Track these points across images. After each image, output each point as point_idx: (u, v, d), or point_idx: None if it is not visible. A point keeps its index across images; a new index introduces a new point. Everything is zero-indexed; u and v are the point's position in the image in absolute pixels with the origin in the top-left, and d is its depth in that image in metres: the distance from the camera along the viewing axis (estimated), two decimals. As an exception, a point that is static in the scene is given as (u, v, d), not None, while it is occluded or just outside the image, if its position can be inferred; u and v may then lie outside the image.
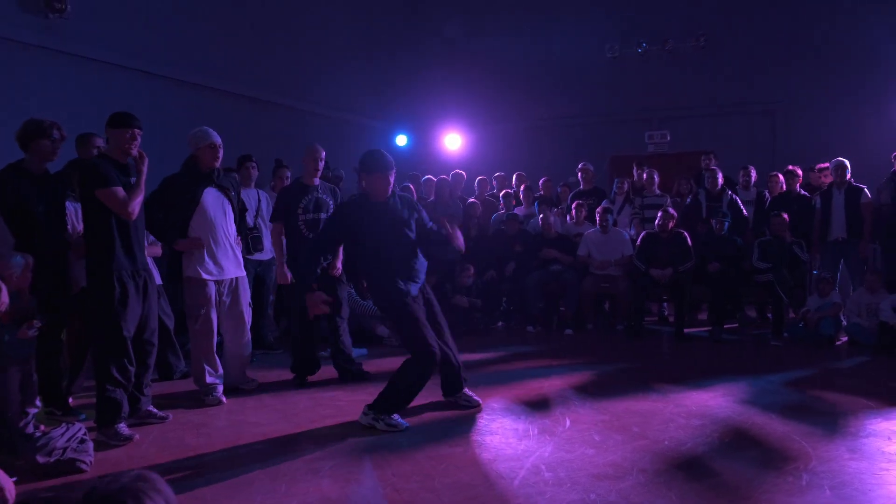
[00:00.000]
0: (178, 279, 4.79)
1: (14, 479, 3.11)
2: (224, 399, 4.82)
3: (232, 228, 4.91)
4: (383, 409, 4.10)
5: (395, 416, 4.11)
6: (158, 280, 5.37)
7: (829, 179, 7.60)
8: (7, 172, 4.23)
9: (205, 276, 4.74)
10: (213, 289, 4.80)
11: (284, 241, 5.34)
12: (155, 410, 4.35)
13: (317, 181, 5.41)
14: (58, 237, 4.32)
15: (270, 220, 5.49)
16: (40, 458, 3.37)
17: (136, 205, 3.99)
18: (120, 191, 3.91)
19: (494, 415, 4.37)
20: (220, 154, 4.76)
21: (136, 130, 4.05)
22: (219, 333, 4.97)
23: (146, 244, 5.07)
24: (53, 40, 6.45)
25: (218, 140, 4.75)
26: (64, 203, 4.42)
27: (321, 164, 5.41)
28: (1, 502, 2.40)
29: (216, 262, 4.78)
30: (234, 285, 4.94)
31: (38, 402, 4.12)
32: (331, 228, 4.35)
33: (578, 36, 11.32)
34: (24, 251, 3.99)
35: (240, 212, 5.12)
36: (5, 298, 3.63)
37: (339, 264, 5.31)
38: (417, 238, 4.31)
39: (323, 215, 5.31)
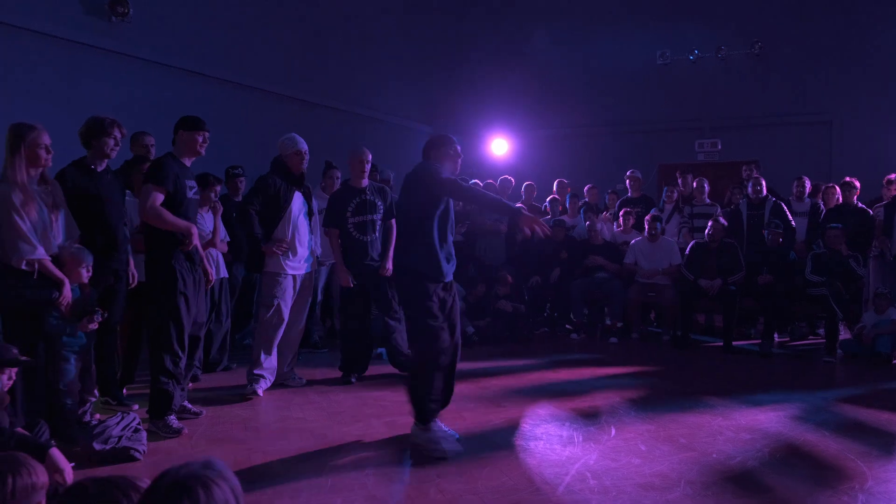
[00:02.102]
0: (258, 271, 5.10)
1: (72, 464, 3.22)
2: (261, 393, 4.93)
3: (307, 228, 5.21)
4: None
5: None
6: (224, 272, 5.55)
7: (893, 192, 7.36)
8: (70, 169, 4.38)
9: (289, 271, 5.04)
10: (290, 283, 5.06)
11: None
12: (189, 406, 4.45)
13: (365, 182, 5.48)
14: (117, 232, 4.46)
15: (324, 226, 5.62)
16: (97, 446, 3.48)
17: (162, 220, 4.01)
18: (159, 197, 4.01)
19: (539, 421, 4.35)
20: (307, 160, 5.12)
21: (207, 133, 4.27)
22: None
23: (219, 240, 5.28)
24: (116, 43, 6.66)
25: (304, 147, 5.10)
26: (123, 199, 4.56)
27: (367, 166, 5.50)
28: (58, 485, 2.48)
29: (297, 259, 5.08)
30: (306, 281, 5.21)
31: (95, 392, 4.26)
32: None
33: (629, 42, 11.20)
34: (86, 246, 4.13)
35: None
36: (68, 293, 3.77)
37: (389, 265, 5.33)
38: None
39: (371, 216, 5.41)
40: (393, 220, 5.49)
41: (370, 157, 5.51)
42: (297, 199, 5.11)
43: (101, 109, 4.77)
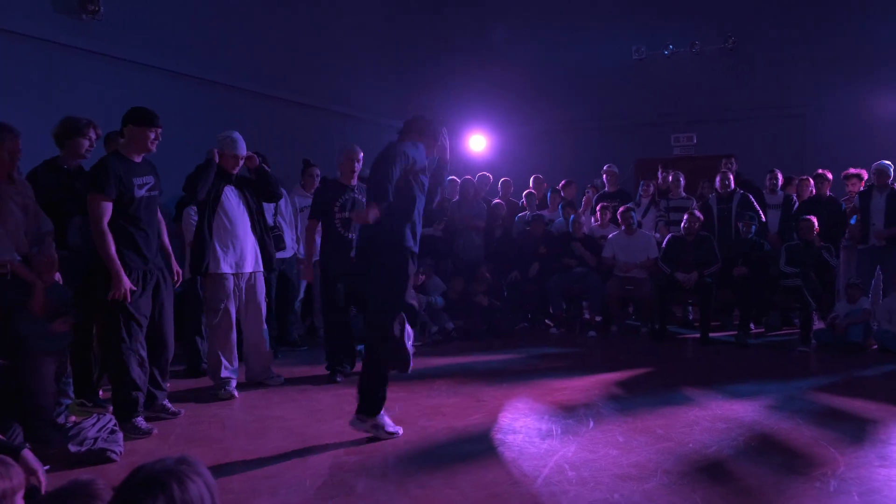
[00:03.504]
0: (200, 274, 4.90)
1: (46, 467, 3.18)
2: (237, 394, 4.88)
3: (247, 225, 5.01)
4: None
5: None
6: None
7: (855, 188, 7.48)
8: (42, 169, 4.33)
9: (230, 270, 4.86)
10: (231, 283, 4.92)
11: (318, 238, 5.47)
12: (169, 405, 4.41)
13: (354, 181, 5.53)
14: (89, 232, 4.40)
15: (309, 217, 5.60)
16: (72, 448, 3.44)
17: (103, 244, 3.88)
18: (106, 208, 3.87)
19: (518, 415, 4.38)
20: (241, 165, 4.98)
21: (159, 130, 4.09)
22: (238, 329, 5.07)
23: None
24: (87, 41, 6.57)
25: (242, 152, 4.94)
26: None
27: (358, 165, 5.53)
28: (33, 486, 2.46)
29: (237, 257, 4.91)
30: (252, 280, 5.05)
31: (70, 394, 4.21)
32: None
33: (604, 38, 11.25)
34: (57, 245, 4.08)
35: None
36: (39, 293, 3.72)
37: None
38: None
39: None
40: None
41: (361, 156, 5.54)
42: (231, 195, 4.93)
43: (74, 109, 4.72)
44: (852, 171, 7.68)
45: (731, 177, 7.72)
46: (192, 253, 4.92)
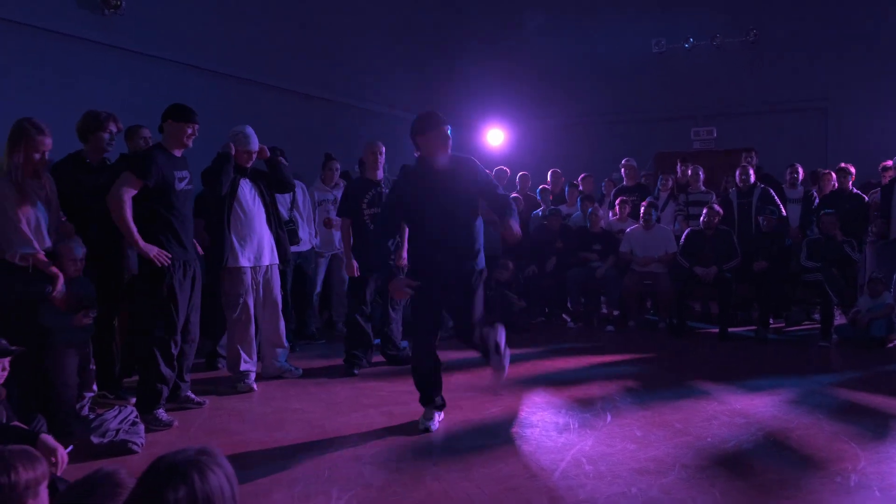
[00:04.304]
0: (218, 268, 4.92)
1: (69, 448, 3.24)
2: (255, 386, 4.92)
3: (263, 218, 5.04)
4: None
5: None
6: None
7: (887, 178, 7.36)
8: (65, 163, 4.39)
9: (243, 263, 4.89)
10: (250, 276, 4.95)
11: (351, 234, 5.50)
12: (193, 396, 4.47)
13: (380, 175, 5.56)
14: (112, 226, 4.45)
15: (338, 215, 5.68)
16: (94, 439, 3.49)
17: (120, 211, 3.92)
18: (128, 191, 3.93)
19: (535, 409, 4.38)
20: (254, 159, 5.01)
21: (196, 126, 4.21)
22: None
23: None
24: (109, 36, 6.64)
25: (255, 147, 4.97)
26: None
27: (381, 158, 5.56)
28: (52, 468, 2.49)
29: (254, 251, 4.94)
30: (269, 273, 5.08)
31: (94, 387, 4.27)
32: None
33: (624, 31, 11.18)
34: (81, 240, 4.14)
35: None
36: (61, 287, 3.78)
37: (404, 254, 5.37)
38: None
39: None
40: None
41: (384, 149, 5.58)
42: (246, 188, 4.96)
43: (96, 104, 4.77)
44: (890, 162, 7.54)
45: (751, 171, 7.63)
46: (211, 247, 4.97)
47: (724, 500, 2.90)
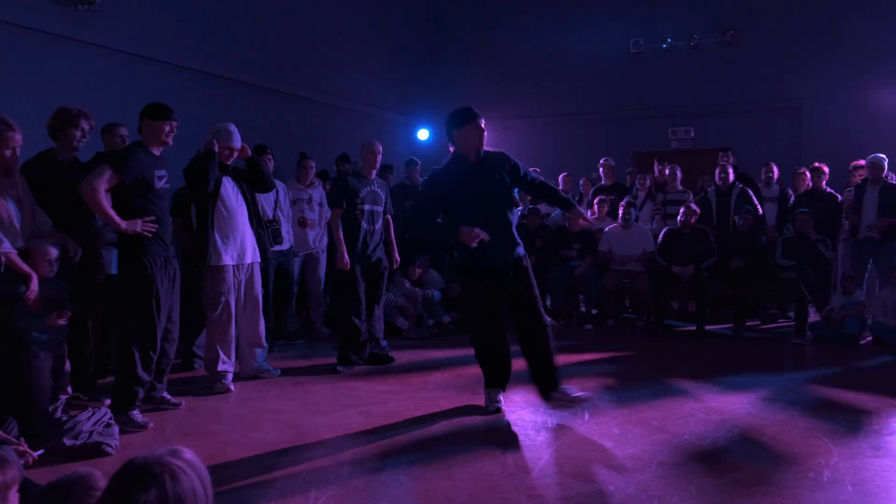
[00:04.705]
0: (201, 266, 4.87)
1: (41, 451, 3.20)
2: (233, 387, 4.87)
3: (245, 215, 5.03)
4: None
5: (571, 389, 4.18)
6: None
7: (858, 178, 7.47)
8: (36, 161, 4.31)
9: (227, 261, 4.85)
10: (232, 275, 4.92)
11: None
12: (169, 397, 4.42)
13: (373, 174, 5.63)
14: (85, 226, 4.39)
15: (330, 206, 5.70)
16: (67, 441, 3.43)
17: (95, 200, 3.86)
18: (102, 183, 3.87)
19: (514, 407, 4.38)
20: (235, 157, 4.98)
21: (174, 123, 4.17)
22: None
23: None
24: (82, 32, 6.54)
25: (238, 144, 4.94)
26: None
27: (379, 158, 5.64)
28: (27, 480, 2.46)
29: (238, 249, 4.91)
30: (250, 271, 5.05)
31: (69, 389, 4.21)
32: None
33: (602, 31, 11.22)
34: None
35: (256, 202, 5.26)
36: (35, 287, 3.71)
37: (397, 256, 5.76)
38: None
39: (377, 207, 5.59)
40: (390, 215, 5.77)
41: (381, 148, 5.67)
42: (229, 186, 4.95)
43: (69, 100, 4.69)
44: (860, 161, 7.66)
45: (731, 170, 7.71)
46: (195, 245, 4.94)
47: (701, 497, 2.92)
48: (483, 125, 4.06)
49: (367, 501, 2.95)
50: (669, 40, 10.82)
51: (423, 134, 12.00)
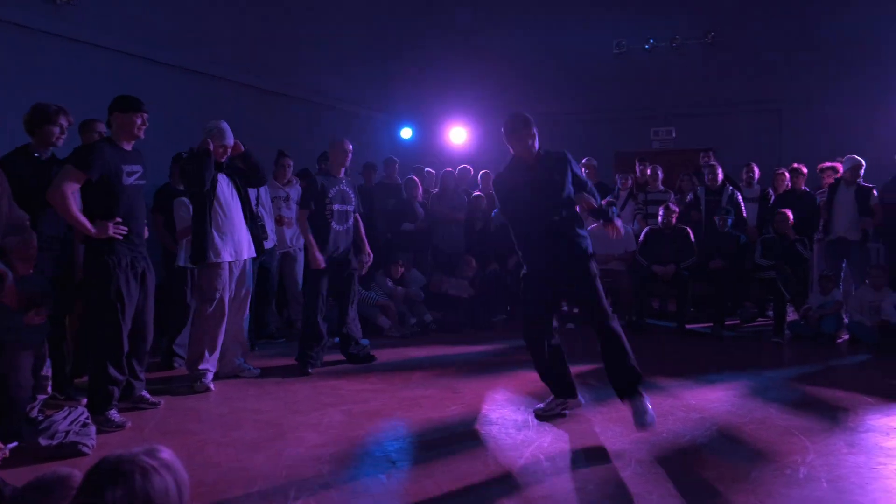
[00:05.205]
0: (202, 262, 4.84)
1: (13, 444, 3.15)
2: (212, 386, 4.83)
3: (240, 213, 5.04)
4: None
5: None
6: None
7: (830, 180, 7.58)
8: (13, 157, 4.25)
9: (225, 258, 4.86)
10: (227, 271, 4.93)
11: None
12: (148, 396, 4.37)
13: (342, 173, 5.59)
14: (63, 223, 4.33)
15: (300, 207, 5.63)
16: (43, 441, 3.40)
17: (64, 206, 3.83)
18: (70, 185, 3.82)
19: (495, 406, 4.39)
20: (228, 154, 4.99)
21: (145, 115, 4.09)
22: None
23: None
24: (61, 26, 6.46)
25: (230, 141, 4.95)
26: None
27: (349, 157, 5.61)
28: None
29: (234, 245, 4.92)
30: (245, 267, 5.07)
31: (48, 389, 4.15)
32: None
33: (585, 31, 11.27)
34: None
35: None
36: (11, 286, 3.65)
37: (370, 257, 5.82)
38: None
39: (347, 206, 5.54)
40: (359, 214, 5.75)
41: (351, 147, 5.64)
42: (224, 183, 4.95)
43: (47, 96, 4.62)
44: (828, 164, 7.77)
45: (719, 171, 7.77)
46: (193, 243, 4.90)
47: (679, 493, 2.95)
48: (534, 130, 4.32)
49: (348, 501, 2.95)
50: (652, 41, 10.90)
51: (406, 132, 11.99)
